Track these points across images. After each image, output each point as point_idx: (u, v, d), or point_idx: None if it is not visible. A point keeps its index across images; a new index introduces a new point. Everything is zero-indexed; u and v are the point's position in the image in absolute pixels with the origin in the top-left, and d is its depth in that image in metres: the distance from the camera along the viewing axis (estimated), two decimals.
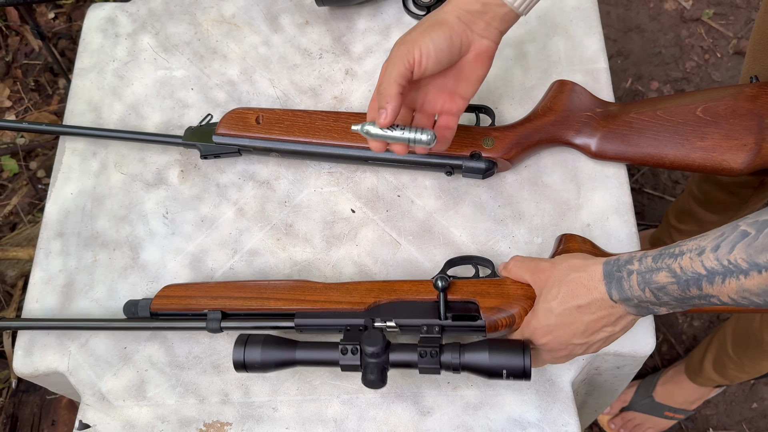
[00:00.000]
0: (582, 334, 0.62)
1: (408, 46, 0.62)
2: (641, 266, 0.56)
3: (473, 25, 0.63)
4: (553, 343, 0.64)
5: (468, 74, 0.66)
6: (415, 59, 0.62)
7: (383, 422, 0.71)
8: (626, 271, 0.57)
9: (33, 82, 1.77)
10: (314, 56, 0.90)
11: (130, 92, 0.90)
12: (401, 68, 0.62)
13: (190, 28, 0.93)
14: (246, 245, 0.80)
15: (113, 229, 0.82)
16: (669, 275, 0.53)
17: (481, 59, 0.65)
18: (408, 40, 0.63)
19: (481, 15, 0.63)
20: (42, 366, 0.75)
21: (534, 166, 0.81)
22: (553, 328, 0.62)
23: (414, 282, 0.70)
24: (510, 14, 0.64)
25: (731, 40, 1.70)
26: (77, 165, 0.86)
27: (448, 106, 0.68)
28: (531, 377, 0.64)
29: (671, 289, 0.54)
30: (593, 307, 0.60)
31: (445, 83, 0.67)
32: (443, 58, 0.63)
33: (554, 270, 0.64)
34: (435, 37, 0.62)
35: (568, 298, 0.61)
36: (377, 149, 0.67)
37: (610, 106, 0.79)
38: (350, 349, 0.63)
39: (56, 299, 0.78)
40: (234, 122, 0.81)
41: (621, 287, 0.57)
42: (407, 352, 0.64)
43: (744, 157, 0.73)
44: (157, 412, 0.73)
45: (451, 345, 0.64)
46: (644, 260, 0.56)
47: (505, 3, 0.63)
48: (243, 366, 0.65)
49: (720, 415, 1.42)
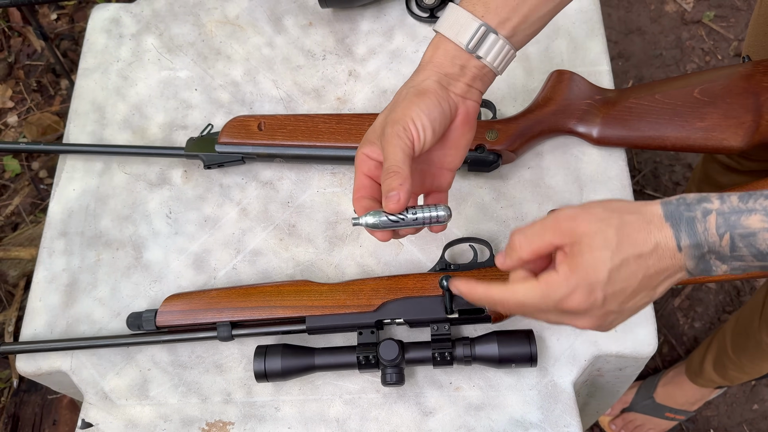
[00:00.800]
0: (633, 294, 0.49)
1: (401, 124, 0.56)
2: (724, 206, 0.46)
3: (454, 88, 0.59)
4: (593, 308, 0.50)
5: (456, 141, 0.61)
6: (413, 135, 0.56)
7: (385, 422, 0.71)
8: (701, 210, 0.47)
9: (35, 83, 1.77)
10: (318, 57, 0.91)
11: (134, 92, 0.90)
12: (404, 147, 0.56)
13: (194, 29, 0.93)
14: (249, 245, 0.80)
15: (116, 229, 0.82)
16: (766, 219, 0.44)
17: (468, 122, 0.60)
18: (396, 118, 0.57)
19: (460, 77, 0.59)
20: (45, 365, 0.75)
21: (537, 168, 0.81)
22: (603, 286, 0.49)
23: (418, 277, 0.71)
24: (489, 74, 0.60)
25: (732, 42, 1.70)
26: (81, 164, 0.86)
27: (437, 182, 0.62)
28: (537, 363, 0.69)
29: (764, 238, 0.45)
30: (656, 256, 0.48)
31: (431, 158, 0.61)
32: (438, 127, 0.58)
33: (590, 214, 0.50)
34: (425, 108, 0.57)
35: (625, 246, 0.48)
36: (384, 239, 0.60)
37: (609, 92, 0.80)
38: (368, 357, 0.68)
39: (59, 298, 0.79)
40: (236, 130, 0.81)
41: (693, 230, 0.46)
42: (421, 350, 0.68)
43: (743, 135, 0.75)
44: (159, 411, 0.73)
45: (462, 340, 0.69)
46: (727, 199, 0.46)
47: (485, 64, 0.59)
48: (264, 376, 0.68)
49: (721, 416, 1.42)
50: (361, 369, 0.69)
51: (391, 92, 0.88)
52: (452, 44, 0.59)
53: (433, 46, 0.60)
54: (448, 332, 0.69)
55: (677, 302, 1.51)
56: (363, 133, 0.79)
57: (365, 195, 0.59)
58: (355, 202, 0.59)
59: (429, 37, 0.90)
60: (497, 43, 0.59)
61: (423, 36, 0.91)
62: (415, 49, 0.90)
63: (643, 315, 0.74)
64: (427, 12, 0.91)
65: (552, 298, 0.50)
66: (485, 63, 0.59)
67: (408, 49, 0.90)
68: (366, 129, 0.79)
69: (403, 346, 0.68)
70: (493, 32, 0.58)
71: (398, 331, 0.74)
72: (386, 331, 0.74)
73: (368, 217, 0.58)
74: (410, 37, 0.91)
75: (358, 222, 0.58)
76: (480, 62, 0.59)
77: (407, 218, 0.58)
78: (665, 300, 1.51)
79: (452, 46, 0.59)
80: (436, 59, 0.59)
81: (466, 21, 0.58)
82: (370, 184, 0.60)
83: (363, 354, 0.68)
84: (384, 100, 0.87)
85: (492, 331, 0.69)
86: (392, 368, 0.68)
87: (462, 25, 0.58)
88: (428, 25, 0.91)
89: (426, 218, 0.58)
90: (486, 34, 0.58)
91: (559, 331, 0.73)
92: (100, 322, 0.77)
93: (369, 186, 0.60)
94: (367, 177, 0.59)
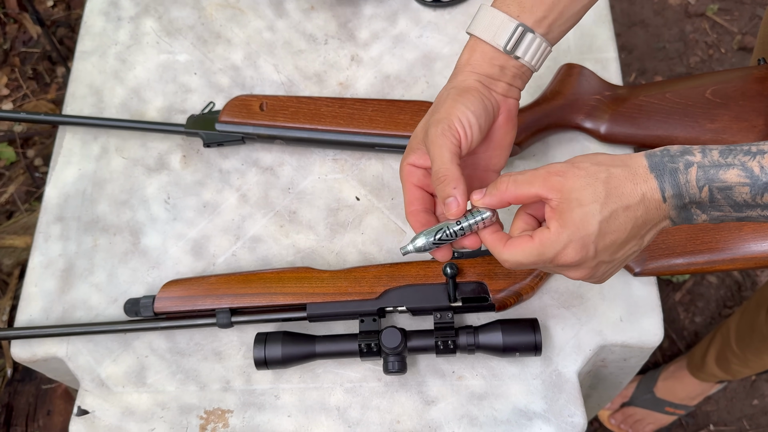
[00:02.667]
0: (623, 244, 0.51)
1: (446, 123, 0.55)
2: (705, 159, 0.48)
3: (495, 87, 0.58)
4: (586, 261, 0.51)
5: (500, 141, 0.60)
6: (460, 132, 0.55)
7: (387, 411, 0.70)
8: (683, 162, 0.48)
9: (31, 70, 1.75)
10: (319, 42, 0.89)
11: (132, 76, 0.88)
12: (451, 146, 0.54)
13: (193, 12, 0.92)
14: (249, 232, 0.79)
15: (114, 214, 0.80)
16: (742, 174, 0.46)
17: (511, 120, 0.60)
18: (442, 117, 0.55)
19: (501, 77, 0.58)
20: (40, 351, 0.74)
21: (543, 157, 0.80)
22: (594, 239, 0.50)
23: (421, 265, 0.70)
24: (527, 72, 0.60)
25: (735, 35, 1.69)
26: (78, 149, 0.84)
27: (484, 185, 0.59)
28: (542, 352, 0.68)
29: (739, 191, 0.47)
30: (642, 206, 0.49)
31: (477, 161, 0.60)
32: (484, 124, 0.56)
33: (579, 169, 0.51)
34: (470, 104, 0.55)
35: (613, 198, 0.49)
36: (445, 258, 0.57)
37: (619, 89, 0.78)
38: (370, 345, 0.66)
39: (55, 284, 0.77)
40: (237, 109, 0.79)
41: (676, 181, 0.48)
42: (424, 338, 0.67)
43: (754, 139, 0.74)
44: (157, 398, 0.72)
45: (465, 328, 0.67)
46: (708, 153, 0.48)
47: (523, 63, 0.58)
48: (264, 363, 0.67)
49: (721, 411, 1.41)
50: (362, 357, 0.67)
51: (395, 77, 0.86)
52: (489, 46, 0.58)
53: (469, 48, 0.59)
54: (451, 320, 0.68)
55: (678, 297, 1.50)
56: (366, 119, 0.78)
57: (419, 208, 0.57)
58: (410, 217, 0.57)
59: (433, 21, 0.89)
60: (534, 41, 0.57)
61: (427, 21, 0.89)
62: (418, 34, 0.88)
63: (649, 305, 0.73)
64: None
65: (547, 255, 0.51)
66: (523, 62, 0.58)
67: (411, 34, 0.88)
68: (369, 114, 0.78)
69: (406, 334, 0.67)
70: (530, 31, 0.57)
71: (400, 319, 0.73)
72: (388, 319, 0.73)
73: (417, 241, 0.55)
74: (414, 22, 0.89)
75: (407, 249, 0.56)
76: (518, 62, 0.58)
77: (462, 225, 0.55)
78: (666, 295, 1.50)
79: (489, 48, 0.58)
80: (474, 61, 0.58)
81: (502, 22, 0.57)
82: (422, 196, 0.58)
83: (365, 342, 0.67)
84: (387, 86, 0.86)
85: (496, 320, 0.68)
86: (394, 356, 0.66)
87: (498, 27, 0.57)
88: (432, 9, 0.90)
89: (473, 224, 0.55)
90: (523, 35, 0.57)
91: (564, 321, 0.72)
92: (96, 308, 0.76)
93: (421, 198, 0.58)
94: (418, 188, 0.57)
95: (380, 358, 0.68)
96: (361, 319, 0.68)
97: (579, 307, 0.73)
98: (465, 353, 0.68)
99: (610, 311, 0.72)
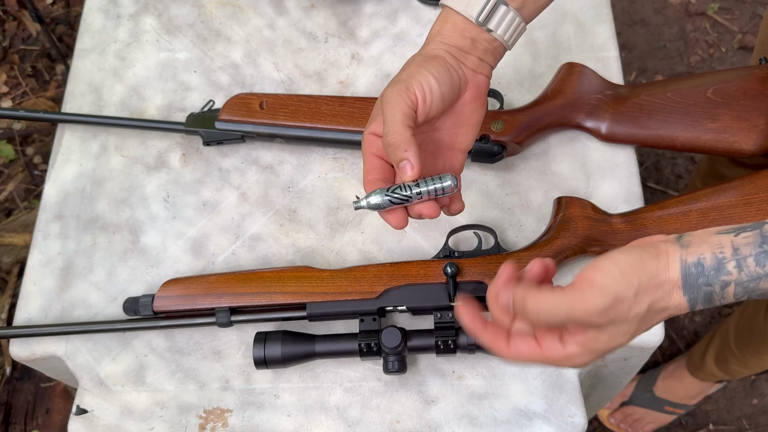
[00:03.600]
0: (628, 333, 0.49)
1: (405, 83, 0.53)
2: (742, 274, 0.45)
3: (465, 61, 0.57)
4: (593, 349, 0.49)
5: (468, 117, 0.58)
6: (417, 95, 0.53)
7: (387, 410, 0.70)
8: (720, 284, 0.46)
9: (30, 67, 1.75)
10: (320, 40, 0.89)
11: (131, 74, 0.88)
12: (404, 107, 0.53)
13: (193, 10, 0.91)
14: (248, 230, 0.78)
15: (113, 212, 0.80)
16: None
17: (479, 97, 0.58)
18: (401, 78, 0.54)
19: (472, 50, 0.57)
20: (39, 350, 0.74)
21: (543, 155, 0.80)
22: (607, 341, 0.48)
23: (422, 264, 0.69)
24: (500, 48, 0.58)
25: (736, 34, 1.69)
26: (77, 147, 0.84)
27: (450, 164, 0.59)
28: None
29: None
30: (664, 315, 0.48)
31: (442, 137, 0.59)
32: (447, 93, 0.55)
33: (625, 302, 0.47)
34: (434, 70, 0.54)
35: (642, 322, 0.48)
36: (399, 224, 0.56)
37: (620, 88, 0.78)
38: (370, 344, 0.66)
39: (54, 282, 0.77)
40: (237, 108, 0.79)
41: (710, 300, 0.46)
42: (424, 337, 0.67)
43: (755, 138, 0.73)
44: (156, 397, 0.71)
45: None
46: (744, 265, 0.45)
47: (495, 38, 0.57)
48: (264, 363, 0.67)
49: (720, 410, 1.41)
50: (362, 356, 0.67)
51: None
52: (461, 17, 0.57)
53: (441, 19, 0.58)
54: (451, 320, 0.67)
55: None
56: (366, 117, 0.78)
57: (377, 177, 0.56)
58: (367, 185, 0.56)
59: (433, 20, 0.89)
60: (508, 14, 0.57)
61: (428, 19, 0.89)
62: (419, 32, 0.88)
63: None
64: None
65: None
66: (496, 36, 0.57)
67: (412, 33, 0.88)
68: (369, 113, 0.78)
69: (406, 334, 0.67)
70: (504, 4, 0.56)
71: (401, 319, 0.73)
72: (388, 319, 0.72)
73: (371, 198, 0.55)
74: (415, 20, 0.89)
75: (360, 204, 0.55)
76: (490, 35, 0.57)
77: (416, 191, 0.54)
78: None
79: (461, 19, 0.57)
80: (445, 32, 0.57)
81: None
82: (381, 165, 0.57)
83: (365, 341, 0.66)
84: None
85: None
86: (394, 356, 0.66)
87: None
88: (433, 8, 0.89)
89: (432, 191, 0.54)
90: (496, 6, 0.56)
91: None
92: (95, 307, 0.75)
93: (380, 167, 0.56)
94: (377, 157, 0.56)
95: (380, 358, 0.68)
96: (361, 318, 0.68)
97: None
98: (465, 353, 0.67)
99: None
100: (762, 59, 0.79)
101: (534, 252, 0.69)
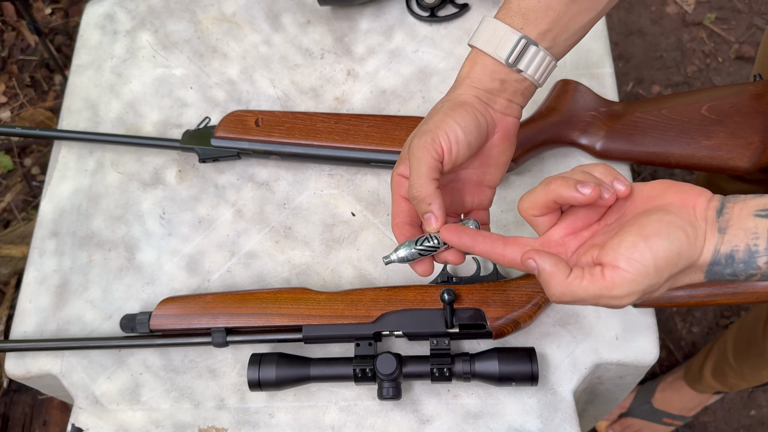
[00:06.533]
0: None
1: (431, 135, 0.54)
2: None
3: (494, 104, 0.57)
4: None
5: (495, 158, 0.58)
6: (444, 147, 0.54)
7: (381, 430, 0.69)
8: (745, 275, 0.46)
9: (29, 78, 1.75)
10: (316, 56, 0.89)
11: (128, 90, 0.88)
12: (430, 161, 0.53)
13: (189, 26, 0.92)
14: (244, 247, 0.79)
15: (109, 229, 0.80)
16: None
17: (508, 139, 0.58)
18: (428, 129, 0.54)
19: (501, 92, 0.57)
20: (34, 368, 0.74)
21: (538, 172, 0.80)
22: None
23: (419, 289, 0.69)
24: (530, 88, 0.58)
25: (733, 44, 1.69)
26: (73, 163, 0.84)
27: (478, 200, 0.60)
28: (538, 382, 0.67)
29: None
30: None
31: (469, 175, 0.59)
32: (473, 141, 0.55)
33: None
34: (460, 120, 0.54)
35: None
36: (426, 272, 0.57)
37: (615, 105, 0.78)
38: (365, 370, 0.66)
39: (50, 300, 0.77)
40: (233, 125, 0.79)
41: (726, 281, 0.48)
42: (419, 364, 0.66)
43: (750, 156, 0.73)
44: (151, 416, 0.71)
45: (461, 356, 0.66)
46: None
47: (525, 77, 0.57)
48: (258, 385, 0.67)
49: (718, 422, 1.41)
50: (357, 382, 0.67)
51: (390, 92, 0.86)
52: (490, 59, 0.56)
53: (470, 61, 0.58)
54: (447, 347, 0.67)
55: (675, 307, 1.50)
56: (361, 134, 0.78)
57: (404, 221, 0.57)
58: (395, 229, 0.57)
59: (429, 36, 0.89)
60: (538, 54, 0.56)
61: (423, 36, 0.89)
62: (414, 48, 0.88)
63: (645, 324, 0.72)
64: (428, 11, 0.89)
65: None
66: (526, 76, 0.57)
67: (408, 49, 0.88)
68: (364, 130, 0.78)
69: (401, 360, 0.66)
70: (534, 44, 0.56)
71: (397, 344, 0.72)
72: (384, 343, 0.72)
73: (400, 251, 0.56)
74: (410, 37, 0.89)
75: (390, 259, 0.56)
76: (520, 76, 0.57)
77: (438, 243, 0.55)
78: None
79: (491, 60, 0.56)
80: (474, 75, 0.57)
81: (505, 34, 0.56)
82: (408, 208, 0.57)
83: (359, 366, 0.66)
84: (383, 101, 0.86)
85: (493, 348, 0.67)
86: (389, 382, 0.66)
87: (501, 39, 0.56)
88: (428, 24, 0.90)
89: None
90: (526, 47, 0.56)
91: (559, 339, 0.72)
92: (91, 325, 0.76)
93: (407, 210, 0.57)
94: (405, 200, 0.57)
95: (375, 383, 0.67)
96: (356, 342, 0.68)
97: (575, 325, 0.72)
98: (461, 381, 0.67)
99: (605, 329, 0.72)
100: (756, 76, 0.79)
101: (532, 281, 0.69)
